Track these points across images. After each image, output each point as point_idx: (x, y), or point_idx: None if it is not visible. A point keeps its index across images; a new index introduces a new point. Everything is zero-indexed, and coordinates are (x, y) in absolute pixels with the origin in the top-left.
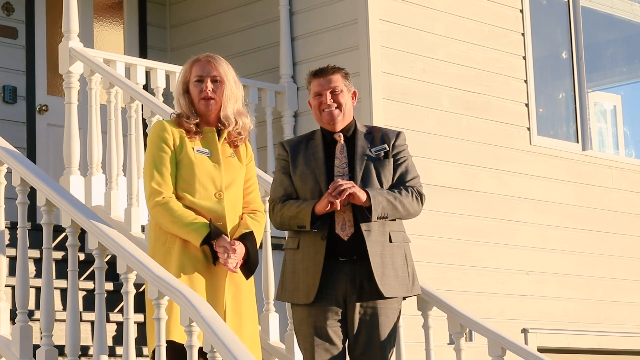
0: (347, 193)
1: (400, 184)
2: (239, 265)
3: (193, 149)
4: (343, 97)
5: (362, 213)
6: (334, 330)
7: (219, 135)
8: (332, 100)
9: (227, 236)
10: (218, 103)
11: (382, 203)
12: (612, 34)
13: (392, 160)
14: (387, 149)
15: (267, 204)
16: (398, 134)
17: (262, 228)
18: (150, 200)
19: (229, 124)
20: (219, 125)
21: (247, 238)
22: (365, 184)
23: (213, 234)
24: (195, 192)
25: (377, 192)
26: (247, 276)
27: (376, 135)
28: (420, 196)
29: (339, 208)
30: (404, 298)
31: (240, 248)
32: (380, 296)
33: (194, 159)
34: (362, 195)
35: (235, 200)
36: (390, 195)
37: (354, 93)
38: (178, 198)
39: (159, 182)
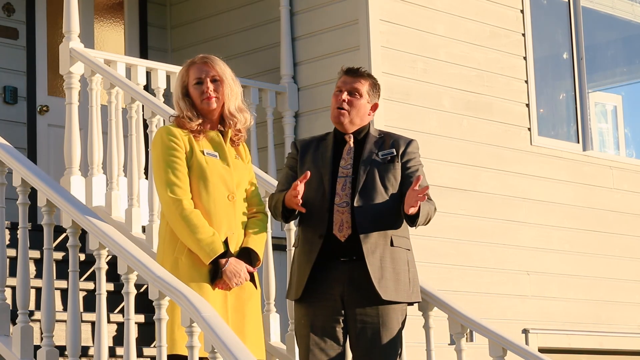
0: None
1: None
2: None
3: (202, 152)
4: (358, 101)
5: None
6: (331, 330)
7: (224, 137)
8: (345, 100)
9: (234, 256)
10: (220, 101)
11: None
12: (612, 34)
13: (399, 165)
14: (394, 153)
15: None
16: (410, 142)
17: (265, 228)
18: (169, 210)
19: (233, 121)
20: (220, 126)
21: (249, 254)
22: (367, 188)
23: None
24: (208, 195)
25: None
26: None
27: (387, 141)
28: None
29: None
30: (410, 304)
31: (244, 271)
32: (380, 300)
33: (205, 163)
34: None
35: (243, 201)
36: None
37: (375, 105)
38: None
39: (175, 190)
